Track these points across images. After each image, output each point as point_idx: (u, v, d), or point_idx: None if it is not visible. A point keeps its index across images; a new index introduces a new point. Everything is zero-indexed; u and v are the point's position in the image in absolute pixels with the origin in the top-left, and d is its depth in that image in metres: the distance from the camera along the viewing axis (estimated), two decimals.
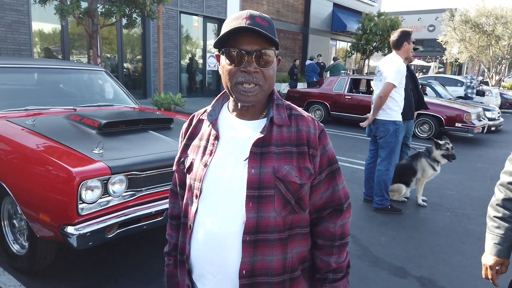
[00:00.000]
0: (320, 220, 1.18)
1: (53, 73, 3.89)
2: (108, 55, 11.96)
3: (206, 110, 1.21)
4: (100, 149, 2.48)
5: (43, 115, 3.24)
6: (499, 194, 1.53)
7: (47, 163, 2.34)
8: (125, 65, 12.55)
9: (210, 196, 1.09)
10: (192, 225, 1.12)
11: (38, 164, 2.39)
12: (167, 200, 2.65)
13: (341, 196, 1.16)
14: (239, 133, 1.11)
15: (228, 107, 1.17)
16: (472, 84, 12.94)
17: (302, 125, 1.12)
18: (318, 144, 1.11)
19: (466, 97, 12.87)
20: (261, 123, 1.12)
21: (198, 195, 1.11)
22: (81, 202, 2.24)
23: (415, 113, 4.83)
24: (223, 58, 1.07)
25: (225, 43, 1.05)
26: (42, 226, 2.38)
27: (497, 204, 1.52)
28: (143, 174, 2.52)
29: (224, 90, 1.17)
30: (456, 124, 8.56)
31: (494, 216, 1.53)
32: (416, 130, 9.01)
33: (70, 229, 2.21)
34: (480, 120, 8.88)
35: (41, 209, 2.34)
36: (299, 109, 1.18)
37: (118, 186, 2.42)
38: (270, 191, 1.05)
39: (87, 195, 2.26)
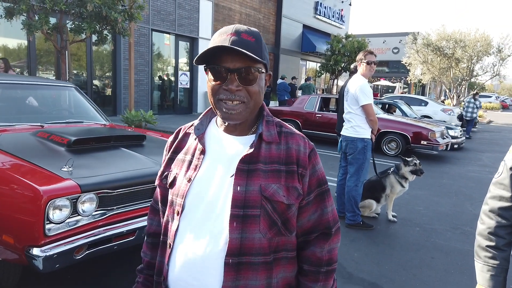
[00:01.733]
0: (307, 244, 1.12)
1: (20, 89, 3.76)
2: (76, 71, 11.69)
3: (193, 123, 1.17)
4: (70, 167, 2.39)
5: (8, 132, 3.10)
6: (489, 222, 1.41)
7: (11, 182, 2.24)
8: (94, 82, 12.30)
9: (192, 214, 1.04)
10: (172, 244, 1.06)
11: (2, 183, 2.28)
12: (140, 219, 2.61)
13: (329, 219, 1.12)
14: (226, 149, 1.07)
15: (216, 122, 1.14)
16: (480, 105, 13.46)
17: (292, 143, 1.08)
18: (308, 163, 1.07)
19: (471, 119, 13.39)
20: (250, 139, 1.08)
21: (180, 212, 1.05)
22: (48, 222, 2.14)
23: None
24: (209, 73, 1.04)
25: (210, 59, 1.02)
26: (5, 248, 2.26)
27: (489, 233, 1.41)
28: (114, 192, 2.45)
29: None
30: (422, 142, 8.88)
31: (487, 246, 1.41)
32: (383, 147, 9.29)
33: (35, 251, 2.11)
34: (444, 138, 9.26)
35: (4, 230, 2.22)
36: (290, 126, 1.15)
37: (88, 205, 2.33)
38: (255, 210, 1.00)
39: (55, 214, 2.17)
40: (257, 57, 1.00)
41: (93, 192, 2.33)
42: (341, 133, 4.49)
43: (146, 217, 2.56)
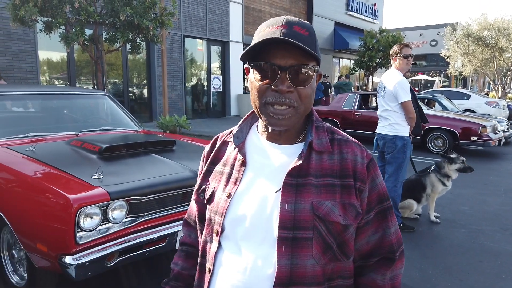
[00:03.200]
0: (365, 269, 1.00)
1: (55, 99, 3.88)
2: (113, 80, 12.09)
3: (232, 131, 1.05)
4: (100, 174, 2.41)
5: (44, 142, 3.20)
6: None
7: (44, 190, 2.28)
8: (130, 89, 12.66)
9: (233, 235, 0.93)
10: (212, 268, 0.96)
11: (35, 192, 2.33)
12: (170, 225, 2.59)
13: (392, 242, 0.99)
14: (270, 159, 0.95)
15: (257, 128, 1.02)
16: None
17: (347, 152, 0.95)
18: (367, 176, 0.94)
19: None
20: (297, 148, 0.95)
21: (219, 232, 0.94)
22: (79, 230, 2.16)
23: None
24: (252, 72, 0.92)
25: (256, 55, 0.90)
26: (40, 256, 2.30)
27: None
28: (144, 198, 2.44)
29: (253, 109, 1.01)
30: (472, 138, 8.25)
31: None
32: (429, 144, 8.81)
33: (68, 259, 2.13)
34: (496, 133, 8.58)
35: (38, 238, 2.26)
36: (343, 132, 1.03)
37: (118, 212, 2.34)
38: (307, 232, 0.87)
39: (85, 222, 2.18)
40: (314, 53, 0.86)
41: (122, 199, 2.33)
42: (377, 131, 4.29)
43: (176, 223, 2.56)
